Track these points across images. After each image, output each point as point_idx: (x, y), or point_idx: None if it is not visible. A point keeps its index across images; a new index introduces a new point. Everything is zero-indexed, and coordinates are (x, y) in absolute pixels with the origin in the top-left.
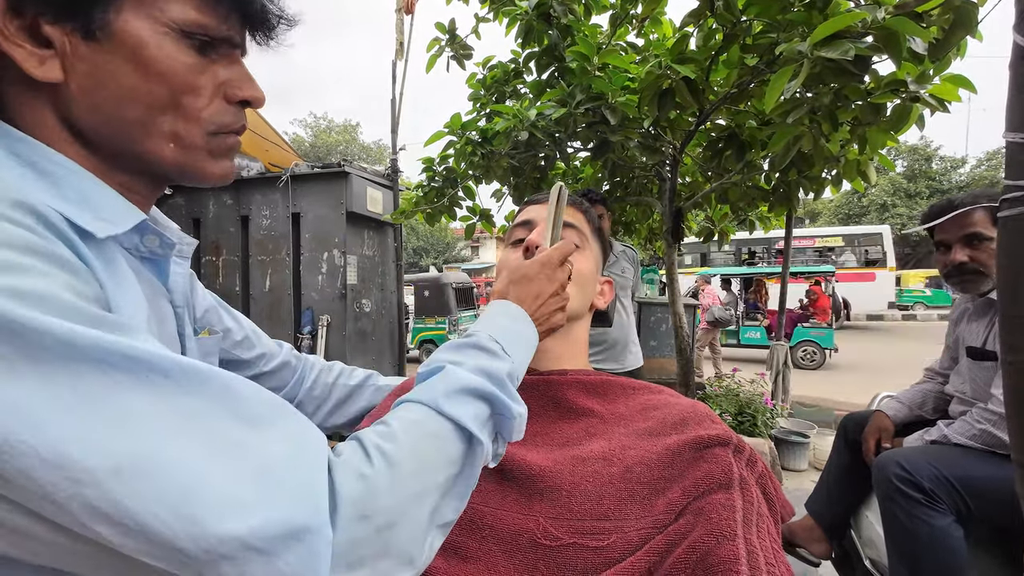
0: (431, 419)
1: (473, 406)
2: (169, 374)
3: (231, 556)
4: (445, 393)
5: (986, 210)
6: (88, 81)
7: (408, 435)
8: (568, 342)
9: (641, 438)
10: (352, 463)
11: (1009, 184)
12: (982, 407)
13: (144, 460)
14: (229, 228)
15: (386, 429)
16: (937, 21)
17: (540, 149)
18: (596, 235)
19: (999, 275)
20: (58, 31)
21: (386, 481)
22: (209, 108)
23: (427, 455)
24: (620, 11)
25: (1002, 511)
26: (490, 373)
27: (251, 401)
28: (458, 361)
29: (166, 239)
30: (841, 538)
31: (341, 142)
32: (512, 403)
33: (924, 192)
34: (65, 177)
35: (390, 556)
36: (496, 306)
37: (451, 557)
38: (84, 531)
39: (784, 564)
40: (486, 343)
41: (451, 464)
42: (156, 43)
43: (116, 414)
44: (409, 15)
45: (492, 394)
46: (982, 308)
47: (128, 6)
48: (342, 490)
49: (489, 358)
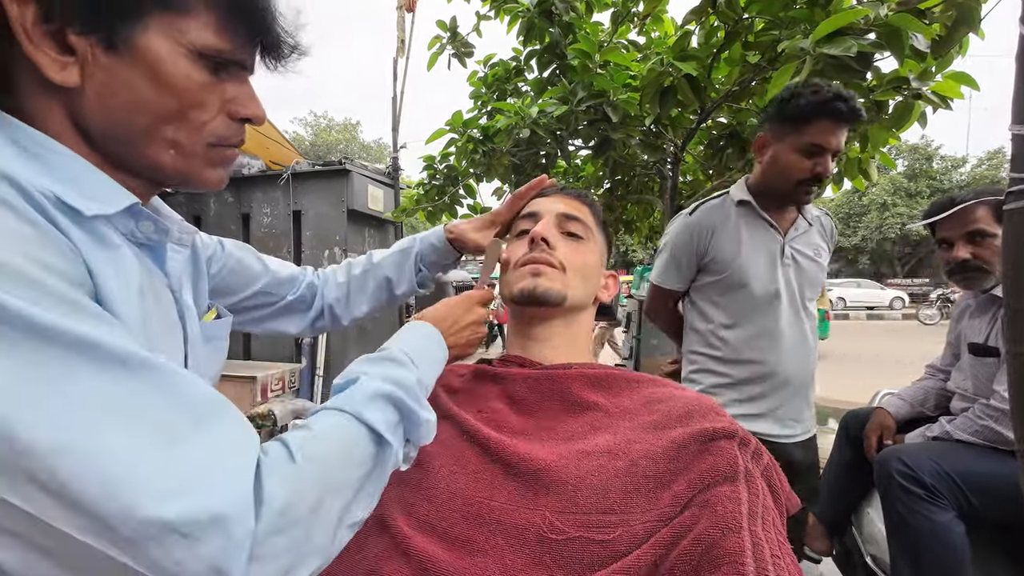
0: (347, 423)
1: (384, 412)
2: (125, 363)
3: (157, 538)
4: (359, 400)
5: (989, 206)
6: (103, 88)
7: (327, 437)
8: (572, 335)
9: (646, 431)
10: (277, 462)
11: (1015, 177)
12: (984, 403)
13: (86, 442)
14: (230, 226)
15: (308, 432)
16: (940, 18)
17: (541, 147)
18: (601, 228)
19: (1004, 268)
20: (83, 41)
21: (307, 479)
22: (212, 122)
23: (343, 456)
24: (621, 9)
25: (1004, 507)
26: (399, 381)
27: (196, 398)
28: (370, 372)
29: (161, 224)
30: (842, 535)
31: (341, 141)
32: (420, 409)
33: (925, 191)
34: (57, 160)
35: (305, 548)
36: (411, 326)
37: (458, 551)
38: (27, 504)
39: (789, 556)
40: (396, 355)
41: (363, 464)
42: (173, 61)
43: (67, 395)
44: (410, 13)
45: (400, 400)
46: (984, 304)
47: (153, 25)
48: (267, 487)
49: (398, 368)
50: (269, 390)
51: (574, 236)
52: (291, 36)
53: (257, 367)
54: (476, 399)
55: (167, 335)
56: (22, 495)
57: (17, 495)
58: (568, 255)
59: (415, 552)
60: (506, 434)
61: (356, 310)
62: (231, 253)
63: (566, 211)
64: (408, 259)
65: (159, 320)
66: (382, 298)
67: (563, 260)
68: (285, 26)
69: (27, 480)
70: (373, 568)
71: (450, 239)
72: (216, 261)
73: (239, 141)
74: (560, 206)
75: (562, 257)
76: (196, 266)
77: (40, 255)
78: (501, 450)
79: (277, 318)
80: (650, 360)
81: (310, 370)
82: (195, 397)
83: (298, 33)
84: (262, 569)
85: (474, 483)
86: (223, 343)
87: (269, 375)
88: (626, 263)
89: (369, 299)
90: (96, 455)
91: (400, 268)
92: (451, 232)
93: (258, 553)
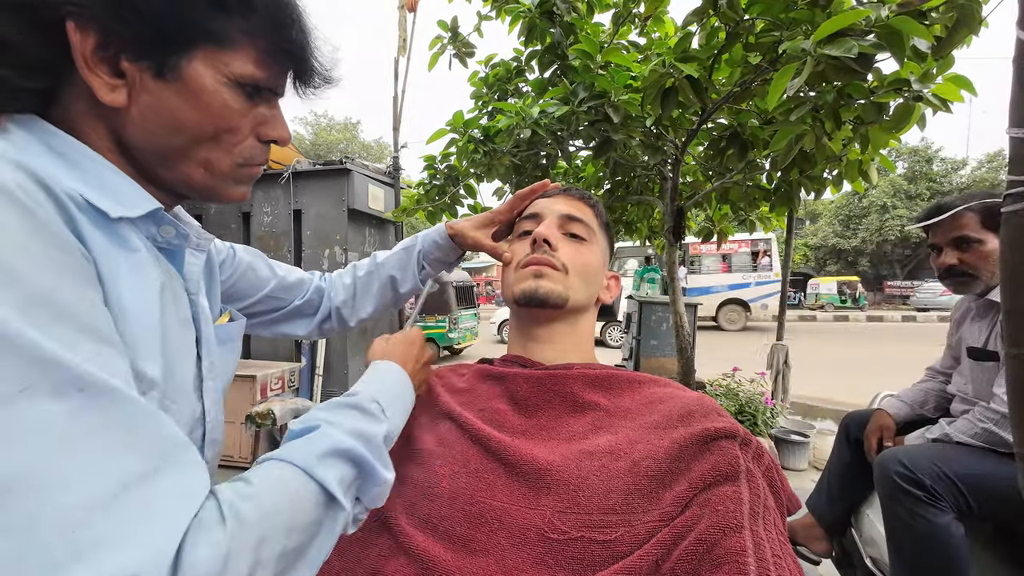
0: (295, 478)
1: (340, 469)
2: (83, 390)
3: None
4: (316, 454)
5: (976, 212)
6: (147, 110)
7: (268, 495)
8: (574, 335)
9: (648, 431)
10: (204, 525)
11: (1013, 180)
12: (984, 406)
13: (32, 476)
14: (231, 224)
15: (246, 487)
16: (940, 19)
17: (542, 147)
18: (603, 229)
19: (1002, 271)
20: (134, 67)
21: (236, 546)
22: (243, 144)
23: (284, 517)
24: (623, 9)
25: (1003, 509)
26: (366, 436)
27: (152, 439)
28: (335, 422)
29: (181, 229)
30: (842, 536)
31: (341, 140)
32: (382, 468)
33: (924, 194)
34: (89, 165)
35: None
36: (379, 366)
37: (459, 550)
38: None
39: (791, 556)
40: (366, 404)
41: (307, 529)
42: (214, 89)
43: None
44: (412, 12)
45: (363, 458)
46: (984, 309)
47: (199, 56)
48: (188, 553)
49: (367, 420)
50: (269, 389)
51: (576, 237)
52: (325, 68)
53: (257, 366)
54: (478, 399)
55: (182, 334)
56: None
57: None
58: (570, 256)
59: (416, 551)
60: (507, 434)
61: (362, 311)
62: (242, 259)
63: (568, 212)
64: (411, 257)
65: (176, 318)
66: (387, 298)
67: (565, 261)
68: (320, 59)
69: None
70: (374, 567)
71: (451, 236)
72: (228, 267)
73: (264, 160)
74: (562, 207)
75: (564, 258)
76: (211, 271)
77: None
78: (502, 450)
79: (285, 321)
80: (650, 360)
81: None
82: (150, 438)
83: (332, 66)
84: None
85: (475, 482)
86: (237, 344)
87: (269, 374)
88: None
89: (374, 299)
90: (36, 492)
91: (404, 267)
92: (451, 229)
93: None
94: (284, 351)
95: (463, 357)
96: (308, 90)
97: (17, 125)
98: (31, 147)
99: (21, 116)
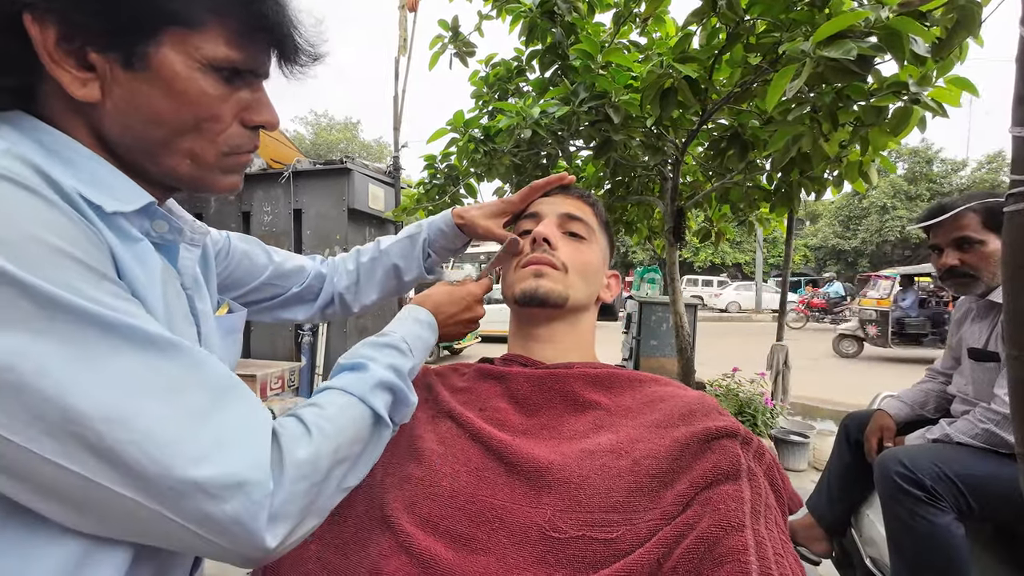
0: (354, 405)
1: (384, 396)
2: (155, 343)
3: (189, 495)
4: (369, 385)
5: (976, 213)
6: (122, 103)
7: (338, 416)
8: (575, 334)
9: (649, 430)
10: (296, 435)
11: (1015, 179)
12: (985, 407)
13: (129, 412)
14: (231, 224)
15: (320, 410)
16: (940, 21)
17: (543, 147)
18: (603, 228)
19: (1004, 271)
20: (101, 59)
21: (321, 450)
22: (227, 132)
23: (349, 433)
24: (623, 9)
25: (1004, 510)
26: (400, 370)
27: (218, 378)
28: (377, 359)
29: (174, 223)
30: (842, 537)
31: (342, 140)
32: (410, 394)
33: (925, 195)
34: (80, 160)
35: (312, 508)
36: (413, 313)
37: (461, 549)
38: (72, 463)
39: (792, 555)
40: (399, 344)
41: (363, 441)
42: (187, 75)
43: (111, 373)
44: (412, 12)
45: (399, 387)
46: (984, 310)
47: (167, 42)
48: (288, 456)
49: (400, 357)
50: (269, 388)
51: (576, 236)
52: (309, 44)
53: (257, 366)
54: (478, 398)
55: (185, 329)
56: (72, 457)
57: (67, 457)
58: (570, 256)
59: (417, 550)
60: (508, 433)
61: (366, 298)
62: (237, 247)
63: (568, 211)
64: (416, 246)
65: (177, 311)
66: (390, 286)
67: (565, 261)
68: (303, 33)
69: (77, 444)
70: (376, 566)
71: (459, 224)
72: (224, 257)
73: (253, 147)
74: (562, 206)
75: (564, 258)
76: (207, 263)
77: (75, 243)
78: (503, 449)
79: (283, 308)
80: (650, 360)
81: (310, 369)
82: (216, 377)
83: (318, 41)
84: (278, 525)
85: (476, 481)
86: (238, 336)
87: (269, 374)
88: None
89: (378, 287)
90: (138, 423)
91: (408, 255)
92: (460, 217)
93: (276, 511)
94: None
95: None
96: (295, 68)
97: (5, 123)
98: (22, 144)
99: (8, 113)
